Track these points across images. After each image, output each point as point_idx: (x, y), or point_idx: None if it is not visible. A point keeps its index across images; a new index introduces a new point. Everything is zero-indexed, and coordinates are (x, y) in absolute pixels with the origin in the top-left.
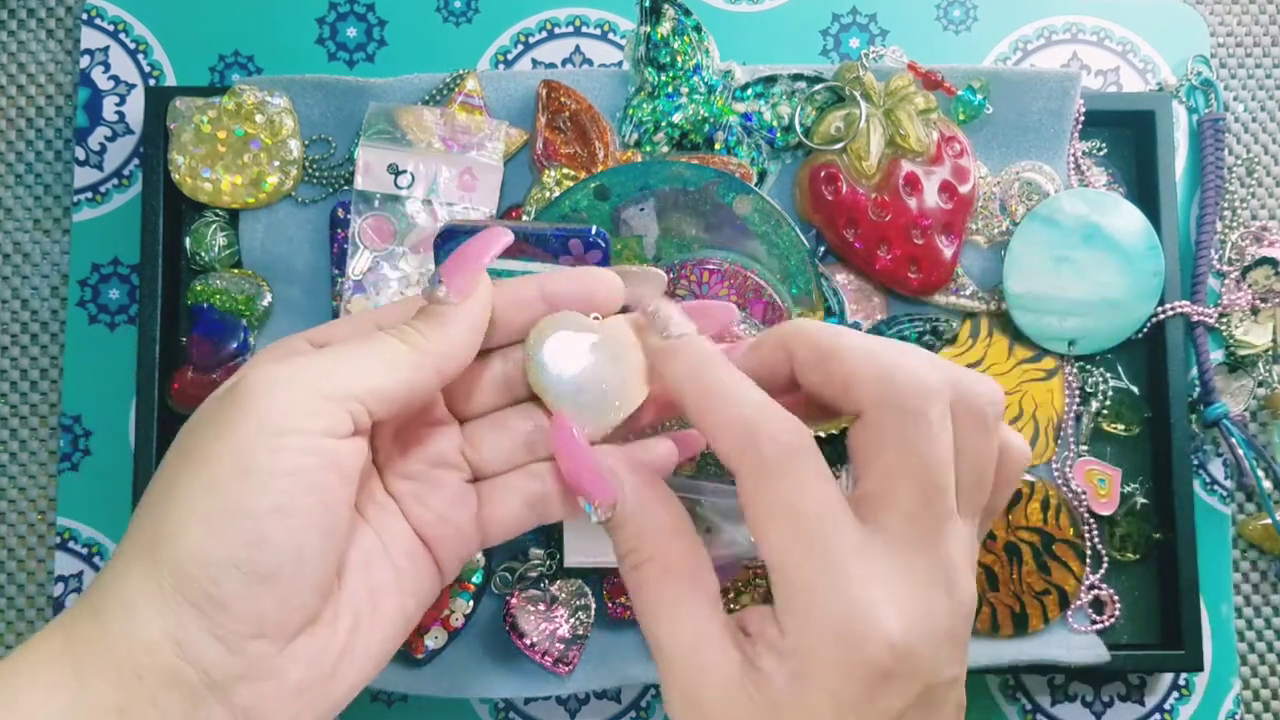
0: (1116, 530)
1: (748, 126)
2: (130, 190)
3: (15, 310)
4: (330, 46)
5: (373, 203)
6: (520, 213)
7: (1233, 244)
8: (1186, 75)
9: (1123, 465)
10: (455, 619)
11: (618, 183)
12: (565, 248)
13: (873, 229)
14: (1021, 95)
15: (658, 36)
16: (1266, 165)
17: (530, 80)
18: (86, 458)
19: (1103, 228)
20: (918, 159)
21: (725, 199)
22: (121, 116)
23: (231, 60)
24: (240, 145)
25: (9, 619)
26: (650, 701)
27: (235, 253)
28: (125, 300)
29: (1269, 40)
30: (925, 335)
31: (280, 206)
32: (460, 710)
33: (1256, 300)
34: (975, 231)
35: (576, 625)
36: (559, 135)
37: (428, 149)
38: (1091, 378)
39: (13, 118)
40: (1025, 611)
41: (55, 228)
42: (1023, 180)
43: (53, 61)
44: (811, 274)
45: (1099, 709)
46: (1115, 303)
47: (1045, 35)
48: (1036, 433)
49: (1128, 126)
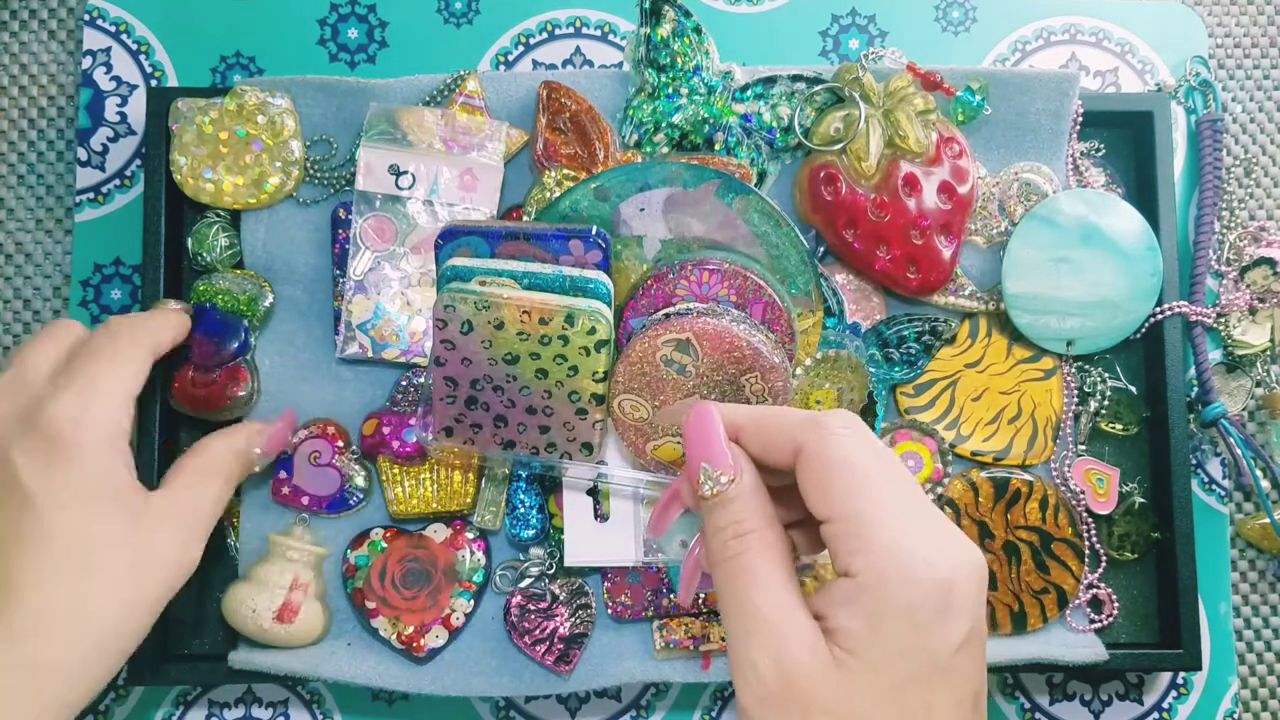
0: (1115, 529)
1: (747, 127)
2: (132, 191)
3: (17, 310)
4: (331, 47)
5: (374, 203)
6: (520, 213)
7: (1231, 244)
8: (1185, 76)
9: (1121, 465)
10: (456, 618)
11: (618, 183)
12: (565, 248)
13: (872, 229)
14: (1020, 96)
15: (658, 38)
16: (1264, 165)
17: (531, 81)
18: None
19: (1101, 228)
20: (917, 160)
21: (725, 199)
22: (123, 117)
23: (233, 61)
24: (242, 146)
25: None
26: (650, 701)
27: (237, 253)
28: (127, 300)
29: (1267, 41)
30: (924, 335)
31: (282, 207)
32: (460, 709)
33: (1254, 300)
34: (974, 232)
35: (576, 624)
36: (559, 136)
37: (429, 150)
38: (1090, 378)
39: (15, 118)
40: (1024, 610)
41: (57, 228)
42: (1021, 181)
43: (55, 62)
44: (811, 274)
45: (1097, 708)
46: (1113, 303)
47: (1044, 36)
48: (1035, 432)
49: (1126, 127)
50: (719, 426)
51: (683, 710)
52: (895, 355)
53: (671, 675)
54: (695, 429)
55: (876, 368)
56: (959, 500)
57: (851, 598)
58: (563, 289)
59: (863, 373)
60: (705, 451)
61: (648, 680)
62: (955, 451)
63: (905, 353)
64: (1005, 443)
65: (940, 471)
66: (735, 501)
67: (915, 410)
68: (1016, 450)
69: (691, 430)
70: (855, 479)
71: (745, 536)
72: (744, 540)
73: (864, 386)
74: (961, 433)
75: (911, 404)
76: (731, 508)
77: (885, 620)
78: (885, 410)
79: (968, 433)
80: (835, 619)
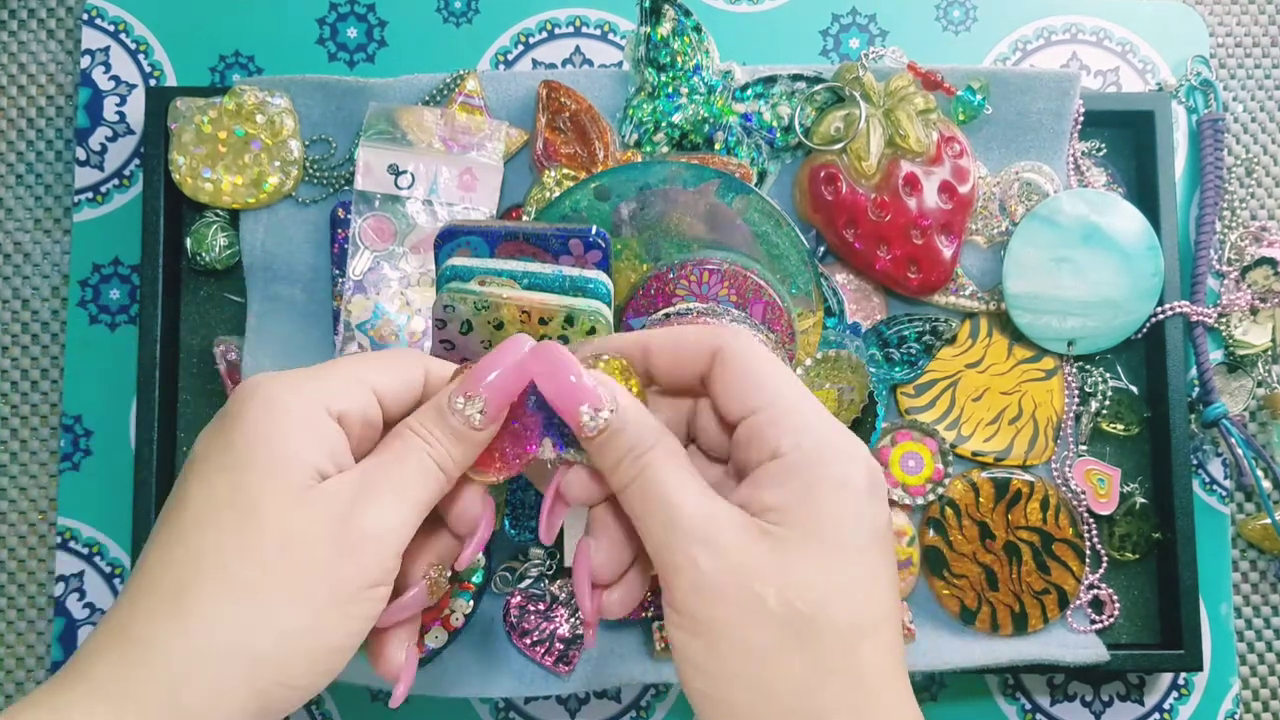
0: (1116, 530)
1: (747, 127)
2: (131, 190)
3: (16, 310)
4: (330, 47)
5: (373, 203)
6: (520, 213)
7: (1232, 244)
8: (1186, 75)
9: (1122, 465)
10: (456, 619)
11: (618, 183)
12: (565, 248)
13: (872, 229)
14: (1021, 95)
15: (658, 37)
16: (1266, 165)
17: (530, 80)
18: (87, 458)
19: (1102, 228)
20: (917, 159)
21: (725, 199)
22: (122, 117)
23: (232, 60)
24: (241, 145)
25: (9, 619)
26: (650, 701)
27: (236, 253)
28: (126, 300)
29: (1268, 40)
30: (925, 335)
31: (281, 207)
32: (460, 710)
33: (1256, 300)
34: (975, 232)
35: (576, 625)
36: (559, 135)
37: (428, 149)
38: (1091, 378)
39: (13, 118)
40: (1025, 611)
41: (56, 228)
42: (1022, 180)
43: (53, 62)
44: (811, 274)
45: (1098, 708)
46: (1115, 303)
47: (1045, 36)
48: (1036, 432)
49: (1127, 127)
50: (575, 362)
51: (683, 711)
52: (896, 355)
53: (671, 676)
54: (549, 375)
55: (877, 368)
56: (960, 500)
57: (782, 475)
58: (562, 289)
59: (863, 373)
60: (574, 392)
61: (647, 681)
62: (956, 452)
63: (906, 353)
64: (1006, 443)
65: (941, 472)
66: (626, 429)
67: (916, 410)
68: (1017, 450)
69: (546, 378)
70: (774, 370)
71: (647, 454)
72: (649, 457)
73: (864, 386)
74: (962, 433)
75: (912, 404)
76: (624, 435)
77: (821, 491)
78: (886, 410)
79: (968, 433)
80: (765, 499)
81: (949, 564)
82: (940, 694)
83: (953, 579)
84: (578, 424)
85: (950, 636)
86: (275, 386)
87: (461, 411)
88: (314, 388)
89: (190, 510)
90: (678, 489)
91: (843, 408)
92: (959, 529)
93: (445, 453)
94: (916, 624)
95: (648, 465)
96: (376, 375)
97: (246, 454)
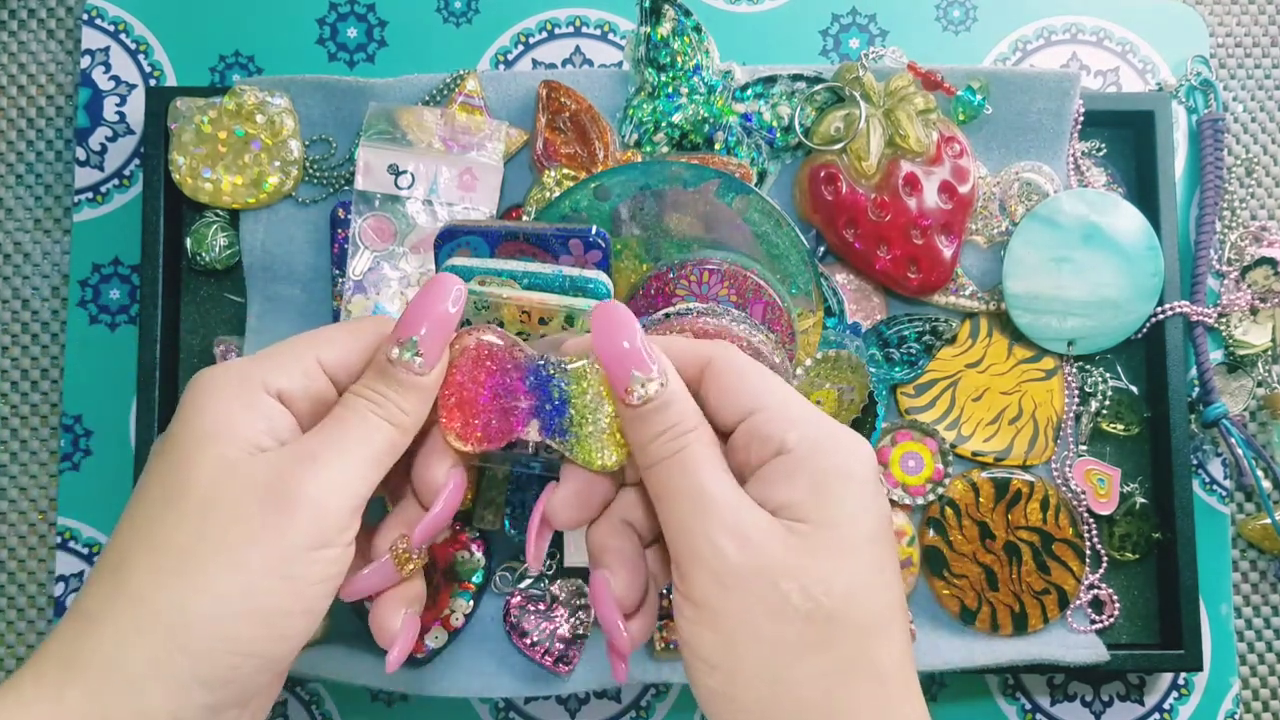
0: (1116, 530)
1: (747, 127)
2: (131, 190)
3: (16, 310)
4: (330, 47)
5: (373, 203)
6: (520, 213)
7: (1232, 244)
8: (1186, 75)
9: (1122, 465)
10: (455, 619)
11: (618, 183)
12: (565, 248)
13: (872, 229)
14: (1021, 95)
15: (658, 37)
16: (1266, 165)
17: (530, 80)
18: (87, 458)
19: (1102, 228)
20: (917, 159)
21: (725, 199)
22: (122, 117)
23: (232, 60)
24: (241, 145)
25: (9, 619)
26: (650, 701)
27: (236, 253)
28: (126, 300)
29: (1268, 40)
30: (925, 335)
31: (281, 207)
32: (460, 710)
33: (1256, 300)
34: (975, 232)
35: (576, 625)
36: (559, 135)
37: (428, 149)
38: (1091, 378)
39: (13, 118)
40: (1025, 611)
41: (56, 228)
42: (1022, 180)
43: (53, 62)
44: (811, 274)
45: (1098, 709)
46: (1115, 303)
47: (1045, 35)
48: (1036, 432)
49: (1127, 127)
50: (639, 327)
51: (682, 711)
52: (896, 355)
53: (671, 676)
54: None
55: (877, 368)
56: (960, 500)
57: (791, 471)
58: (563, 289)
59: (863, 373)
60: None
61: (647, 681)
62: (956, 452)
63: (906, 353)
64: (1006, 443)
65: (941, 472)
66: (672, 405)
67: (916, 410)
68: (1017, 450)
69: (605, 336)
70: (766, 374)
71: (688, 435)
72: (688, 438)
73: (864, 386)
74: (962, 433)
75: (912, 404)
76: (669, 411)
77: (830, 485)
78: (886, 410)
79: (968, 433)
80: (778, 496)
81: (949, 564)
82: (940, 694)
83: (953, 579)
84: (625, 388)
85: (950, 636)
86: (214, 372)
87: (399, 360)
88: (252, 369)
89: (135, 496)
90: (713, 476)
91: (843, 408)
92: (959, 529)
93: (395, 407)
94: (917, 624)
95: (687, 445)
96: (325, 349)
97: (181, 435)
